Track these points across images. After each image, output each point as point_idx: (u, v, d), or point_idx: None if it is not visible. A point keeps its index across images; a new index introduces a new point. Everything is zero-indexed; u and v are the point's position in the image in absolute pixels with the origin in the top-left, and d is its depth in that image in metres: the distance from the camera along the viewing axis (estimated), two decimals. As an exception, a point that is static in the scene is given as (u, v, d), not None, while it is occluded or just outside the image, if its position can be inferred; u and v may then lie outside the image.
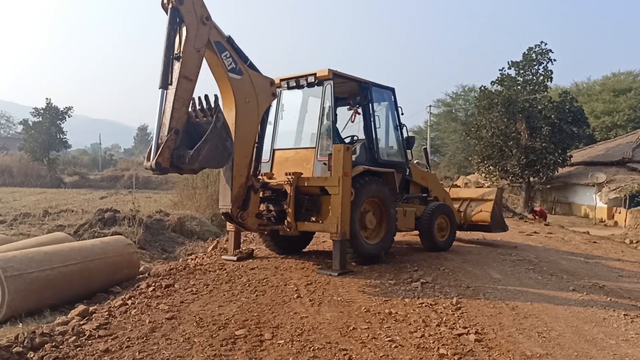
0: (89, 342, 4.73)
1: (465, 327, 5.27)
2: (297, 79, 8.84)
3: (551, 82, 30.06)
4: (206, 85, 7.78)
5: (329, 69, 8.45)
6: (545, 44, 29.00)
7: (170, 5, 6.46)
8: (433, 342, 4.84)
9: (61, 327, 5.14)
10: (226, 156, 6.75)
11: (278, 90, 8.97)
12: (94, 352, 4.47)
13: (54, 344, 4.62)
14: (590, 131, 37.36)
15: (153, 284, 6.94)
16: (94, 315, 5.60)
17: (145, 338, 4.82)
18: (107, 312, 5.67)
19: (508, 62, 30.09)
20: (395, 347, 4.72)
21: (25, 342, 4.54)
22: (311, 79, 8.63)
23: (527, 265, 8.95)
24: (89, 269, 7.19)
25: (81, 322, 5.29)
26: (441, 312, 5.83)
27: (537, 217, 21.24)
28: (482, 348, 4.73)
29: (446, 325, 5.35)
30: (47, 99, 47.50)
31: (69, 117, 48.10)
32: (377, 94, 9.36)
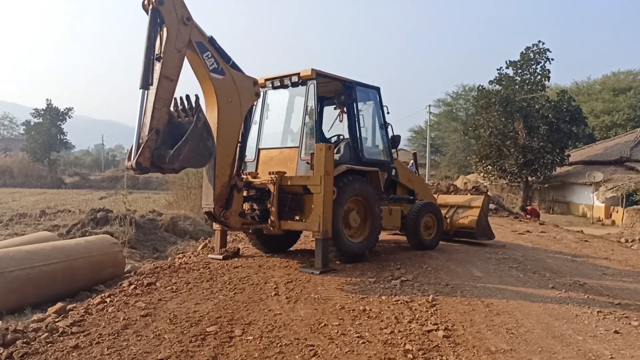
0: (61, 338, 4.80)
1: (435, 324, 5.31)
2: (281, 78, 8.90)
3: (549, 81, 30.13)
4: (189, 85, 7.84)
5: (312, 69, 8.51)
6: (543, 44, 29.04)
7: (150, 6, 6.52)
8: (401, 338, 4.89)
9: (35, 324, 5.21)
10: (207, 155, 6.81)
11: (263, 90, 9.04)
12: (64, 348, 4.53)
13: (25, 340, 4.68)
14: (590, 130, 37.36)
15: (135, 282, 7.01)
16: (70, 312, 5.68)
17: (116, 334, 4.89)
18: (83, 310, 5.74)
19: (506, 62, 30.15)
20: (363, 342, 4.77)
21: (-3, 338, 4.61)
22: (295, 79, 8.69)
23: (511, 264, 8.99)
24: (72, 268, 7.26)
25: (56, 319, 5.37)
26: (415, 309, 5.88)
27: (529, 216, 21.22)
28: (449, 344, 4.78)
29: (417, 322, 5.40)
30: (47, 99, 47.81)
31: (69, 117, 48.34)
32: (361, 93, 9.41)
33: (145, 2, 6.60)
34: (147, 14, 6.57)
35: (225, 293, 6.49)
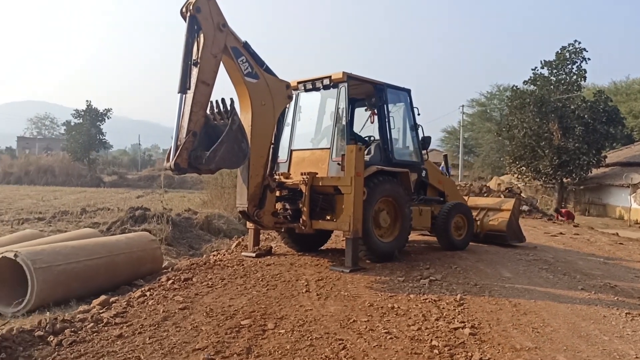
0: (105, 328, 5.13)
1: (462, 322, 5.45)
2: (313, 81, 9.11)
3: (585, 81, 29.57)
4: (224, 89, 8.12)
5: (343, 72, 8.70)
6: (579, 43, 28.56)
7: (188, 14, 6.84)
8: (428, 335, 5.05)
9: (82, 314, 5.56)
10: (242, 157, 7.09)
11: (295, 92, 9.27)
12: (109, 337, 4.85)
13: (73, 329, 5.02)
14: (628, 131, 36.49)
15: (173, 277, 7.34)
16: (113, 304, 6.01)
17: (157, 325, 5.19)
18: (126, 302, 6.07)
19: (541, 62, 29.74)
20: (390, 338, 4.95)
21: (47, 327, 4.94)
22: (326, 82, 8.90)
23: (541, 265, 9.00)
24: (114, 263, 7.63)
25: (101, 311, 5.70)
26: (443, 308, 6.01)
27: (562, 218, 20.89)
28: (475, 341, 4.92)
29: (445, 320, 5.55)
30: (87, 101, 49.31)
31: (108, 118, 49.74)
32: (392, 95, 9.55)
33: (184, 9, 6.92)
34: (185, 21, 6.89)
35: (259, 289, 6.74)
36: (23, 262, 6.45)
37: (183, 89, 6.72)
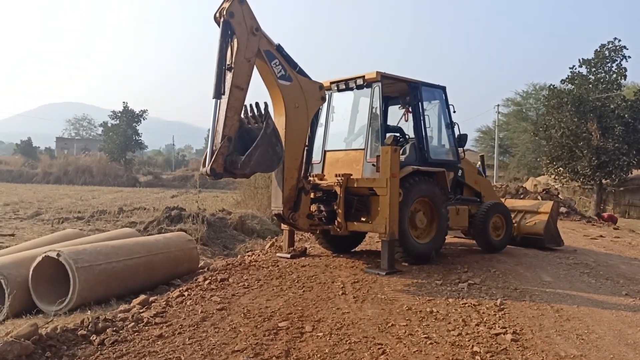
0: (146, 328, 5.19)
1: (504, 328, 5.34)
2: (346, 81, 9.07)
3: (625, 79, 28.72)
4: (259, 91, 8.15)
5: (377, 71, 8.63)
6: (619, 41, 27.76)
7: (222, 19, 6.88)
8: (469, 341, 4.96)
9: (122, 314, 5.64)
10: (276, 160, 7.11)
11: (328, 92, 9.22)
12: (149, 337, 4.91)
13: (114, 328, 5.10)
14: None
15: (209, 278, 7.40)
16: (152, 304, 6.09)
17: (196, 326, 5.23)
18: (165, 302, 6.14)
19: (579, 60, 29.02)
20: (430, 343, 4.88)
21: (90, 326, 5.03)
22: (360, 82, 8.85)
23: (582, 269, 8.77)
24: (153, 262, 7.74)
25: (141, 310, 5.78)
26: (483, 313, 5.90)
27: (604, 222, 20.28)
28: (517, 348, 4.81)
29: (485, 325, 5.44)
30: (124, 102, 50.32)
31: (144, 119, 50.66)
32: (427, 93, 9.44)
33: (217, 14, 6.97)
34: (219, 26, 6.93)
35: (295, 290, 6.74)
36: (65, 262, 6.58)
37: (218, 94, 6.77)
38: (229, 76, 6.85)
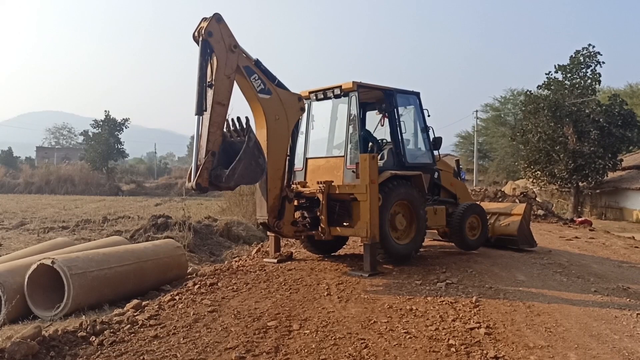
0: (141, 329, 5.47)
1: (478, 323, 5.70)
2: (324, 91, 9.42)
3: (599, 85, 29.58)
4: (242, 104, 8.46)
5: (353, 81, 9.00)
6: (593, 47, 28.60)
7: (200, 38, 7.19)
8: (445, 335, 5.32)
9: (118, 317, 5.91)
10: (259, 172, 7.40)
11: (307, 101, 9.54)
12: (145, 338, 5.20)
13: (111, 330, 5.38)
14: (645, 134, 36.27)
15: (199, 283, 7.68)
16: (146, 308, 6.37)
17: (189, 327, 5.53)
18: (157, 306, 6.42)
19: (555, 66, 29.80)
20: (409, 337, 5.23)
21: (88, 328, 5.30)
22: (337, 91, 9.21)
23: (555, 269, 9.20)
24: (143, 269, 7.99)
25: (135, 314, 6.06)
26: (459, 309, 6.27)
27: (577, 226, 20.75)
28: (490, 340, 5.18)
29: (461, 321, 5.81)
30: (105, 111, 50.13)
31: (126, 127, 50.53)
32: (401, 100, 9.82)
33: (196, 34, 7.29)
34: (198, 45, 7.23)
35: (282, 293, 7.06)
36: (60, 269, 6.81)
37: (200, 111, 7.06)
38: (210, 93, 7.14)
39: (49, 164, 56.21)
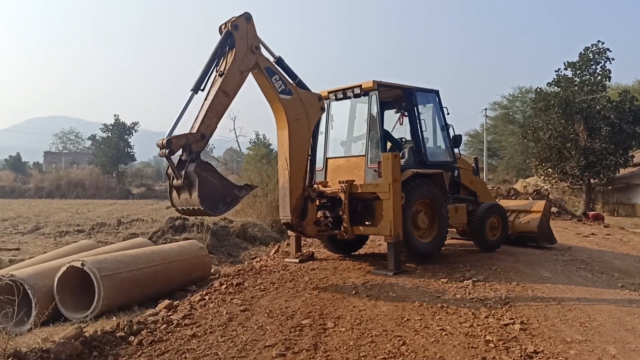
0: (178, 329, 5.51)
1: (511, 319, 5.72)
2: (344, 90, 9.44)
3: (609, 81, 29.44)
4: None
5: (374, 80, 9.01)
6: (603, 43, 28.45)
7: (226, 29, 7.25)
8: (480, 331, 5.33)
9: (153, 317, 5.95)
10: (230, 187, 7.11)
11: (327, 101, 9.55)
12: (183, 337, 5.24)
13: (148, 330, 5.41)
14: (656, 130, 36.09)
15: (225, 283, 7.71)
16: (178, 308, 6.40)
17: (224, 326, 5.56)
18: (189, 306, 6.46)
19: (564, 63, 29.68)
20: (446, 334, 5.24)
21: (125, 328, 5.34)
22: (357, 91, 9.23)
23: (578, 265, 9.19)
24: (169, 270, 8.04)
25: (168, 314, 6.10)
26: (490, 306, 6.28)
27: (592, 221, 20.73)
28: (526, 335, 5.19)
29: (494, 317, 5.82)
30: (115, 115, 50.30)
31: (135, 131, 50.72)
32: (421, 98, 9.83)
33: (223, 25, 7.34)
34: (220, 34, 7.29)
35: (310, 292, 7.09)
36: (90, 271, 6.88)
37: (196, 89, 7.05)
38: (218, 80, 7.15)
39: (58, 169, 56.49)
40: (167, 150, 6.58)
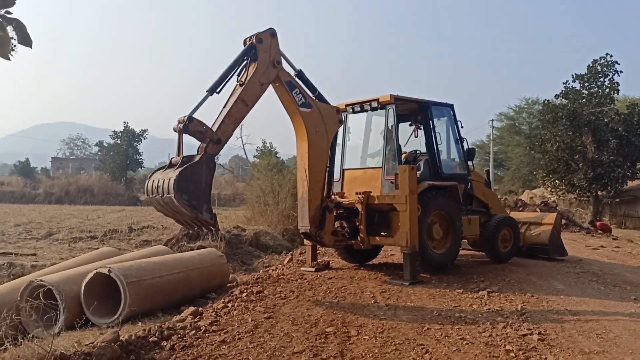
0: (206, 335, 5.69)
1: (529, 329, 5.88)
2: (361, 104, 9.69)
3: (618, 94, 29.62)
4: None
5: (391, 94, 9.25)
6: (611, 56, 28.70)
7: (250, 41, 7.52)
8: (500, 341, 5.50)
9: (180, 323, 6.13)
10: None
11: (344, 114, 9.78)
12: (213, 342, 5.42)
13: (178, 335, 5.60)
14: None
15: (245, 291, 7.89)
16: (203, 314, 6.58)
17: (251, 332, 5.74)
18: (213, 313, 6.64)
19: (572, 75, 29.90)
20: (466, 343, 5.41)
21: (157, 334, 5.53)
22: (374, 104, 9.46)
23: (590, 277, 9.34)
24: (190, 277, 8.22)
25: (195, 320, 6.27)
26: (507, 317, 6.45)
27: (600, 231, 20.86)
28: (545, 346, 5.35)
29: (512, 327, 5.98)
30: (124, 122, 50.78)
31: (144, 138, 51.17)
32: (436, 111, 10.06)
33: (247, 39, 7.60)
34: (244, 45, 7.56)
35: (329, 300, 7.27)
36: (116, 277, 7.06)
37: (212, 90, 7.30)
38: (238, 89, 7.41)
39: (68, 175, 56.89)
40: (183, 125, 6.74)
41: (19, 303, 7.12)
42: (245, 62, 7.58)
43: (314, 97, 8.33)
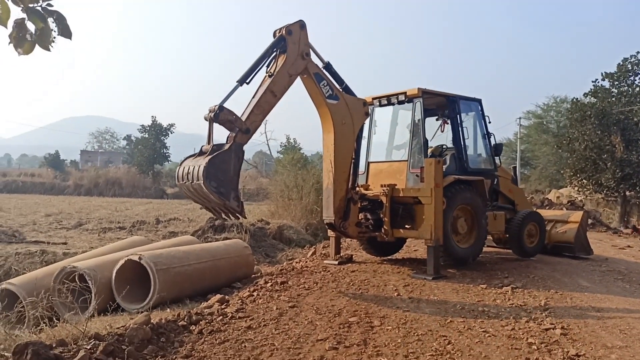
0: (233, 321, 5.86)
1: (552, 324, 5.90)
2: (388, 97, 9.74)
3: (648, 93, 29.01)
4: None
5: (419, 88, 9.28)
6: (642, 55, 28.08)
7: (280, 33, 7.64)
8: (522, 334, 5.54)
9: (207, 309, 6.31)
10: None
11: (370, 107, 9.85)
12: (239, 328, 5.58)
13: (206, 321, 5.78)
14: (695, 143, 35.33)
15: (270, 281, 8.05)
16: (230, 302, 6.76)
17: (276, 320, 5.89)
18: (239, 301, 6.81)
19: (602, 74, 29.38)
20: (489, 336, 5.47)
21: (186, 318, 5.72)
22: (402, 97, 9.51)
23: (616, 276, 9.27)
24: (217, 267, 8.42)
25: (222, 307, 6.45)
26: (530, 312, 6.48)
27: (636, 233, 20.49)
28: (567, 340, 5.38)
29: (535, 322, 6.01)
30: (152, 117, 51.50)
31: (171, 133, 51.84)
32: (464, 106, 10.07)
33: (277, 31, 7.73)
34: (274, 37, 7.69)
35: (353, 292, 7.38)
36: (147, 264, 7.29)
37: (242, 80, 7.39)
38: (267, 81, 7.52)
39: (97, 168, 57.97)
40: (214, 114, 6.82)
41: (54, 286, 7.37)
42: (274, 53, 7.70)
43: (341, 90, 8.42)
